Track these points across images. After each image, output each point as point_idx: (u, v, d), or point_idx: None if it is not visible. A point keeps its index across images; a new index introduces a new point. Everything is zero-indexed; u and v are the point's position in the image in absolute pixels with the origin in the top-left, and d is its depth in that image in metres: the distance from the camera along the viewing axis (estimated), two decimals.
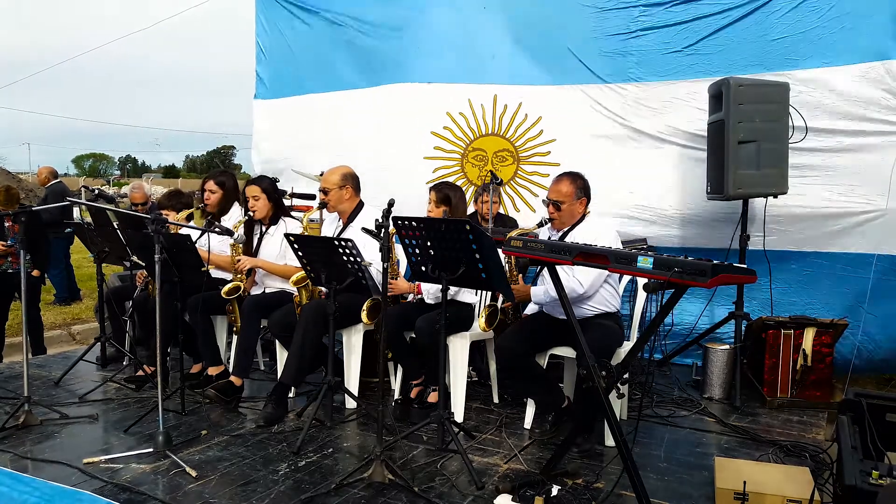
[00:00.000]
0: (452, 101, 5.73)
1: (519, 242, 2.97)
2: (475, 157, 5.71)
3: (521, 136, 5.56)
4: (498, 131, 5.64)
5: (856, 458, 2.42)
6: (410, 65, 5.88)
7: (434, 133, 5.80)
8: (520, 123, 5.55)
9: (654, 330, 2.65)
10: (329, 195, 4.15)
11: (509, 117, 5.59)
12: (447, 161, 5.79)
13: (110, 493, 2.86)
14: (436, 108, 5.78)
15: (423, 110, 5.82)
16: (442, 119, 5.77)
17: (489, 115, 5.66)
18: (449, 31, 5.75)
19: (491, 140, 5.67)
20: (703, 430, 3.75)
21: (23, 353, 3.79)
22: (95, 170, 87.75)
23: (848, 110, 4.51)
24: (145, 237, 3.73)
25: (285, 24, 6.51)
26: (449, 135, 5.79)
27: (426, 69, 5.82)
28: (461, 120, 5.75)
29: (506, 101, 5.58)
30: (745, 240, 4.46)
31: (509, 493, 2.84)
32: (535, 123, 5.49)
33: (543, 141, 5.47)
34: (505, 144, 5.62)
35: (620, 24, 5.11)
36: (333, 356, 3.70)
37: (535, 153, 5.51)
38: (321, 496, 2.87)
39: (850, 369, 4.31)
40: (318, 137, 6.29)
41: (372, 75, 6.06)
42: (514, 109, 5.56)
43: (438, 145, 5.81)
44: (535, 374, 3.60)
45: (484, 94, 5.64)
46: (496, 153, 5.65)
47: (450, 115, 5.76)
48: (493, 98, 5.62)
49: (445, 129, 5.78)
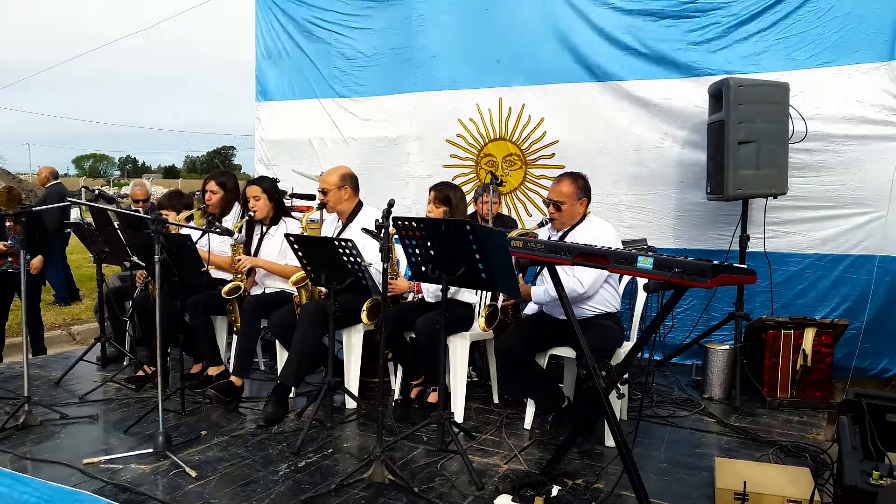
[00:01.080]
0: (463, 108, 5.74)
1: (519, 242, 2.97)
2: (487, 162, 5.72)
3: (525, 139, 5.56)
4: (504, 135, 5.65)
5: (856, 459, 2.42)
6: (420, 72, 5.87)
7: (449, 141, 5.83)
8: (524, 125, 5.54)
9: (654, 330, 2.65)
10: (328, 195, 4.15)
11: (514, 120, 5.59)
12: (464, 168, 5.80)
13: (110, 493, 2.86)
14: (448, 115, 5.79)
15: (437, 118, 5.84)
16: (455, 126, 5.79)
17: (496, 119, 5.66)
18: (455, 36, 5.73)
19: (499, 145, 5.68)
20: (703, 431, 3.76)
21: (23, 353, 3.79)
22: (95, 170, 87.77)
23: (849, 111, 4.49)
24: (145, 237, 3.73)
25: (287, 25, 6.50)
26: (462, 142, 5.80)
27: (436, 77, 5.81)
28: (472, 126, 5.76)
29: (510, 104, 5.57)
30: (745, 240, 4.46)
31: (509, 494, 2.84)
32: (538, 125, 5.48)
33: (547, 143, 5.46)
34: (512, 149, 5.62)
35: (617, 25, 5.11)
36: (333, 356, 3.70)
37: (540, 155, 5.50)
38: (321, 496, 2.87)
39: (850, 370, 4.31)
40: (326, 145, 6.34)
41: (378, 84, 6.07)
42: (518, 112, 5.55)
43: (454, 153, 5.83)
44: (535, 374, 3.60)
45: (490, 98, 5.64)
46: (505, 158, 5.66)
47: (461, 121, 5.77)
48: (499, 101, 5.61)
49: (458, 137, 5.80)
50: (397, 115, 6.00)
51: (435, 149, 5.86)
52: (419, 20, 5.84)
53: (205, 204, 4.65)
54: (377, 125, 6.11)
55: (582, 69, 5.27)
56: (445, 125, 5.80)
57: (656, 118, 5.05)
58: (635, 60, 5.07)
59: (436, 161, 5.84)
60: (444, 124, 5.81)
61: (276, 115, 6.67)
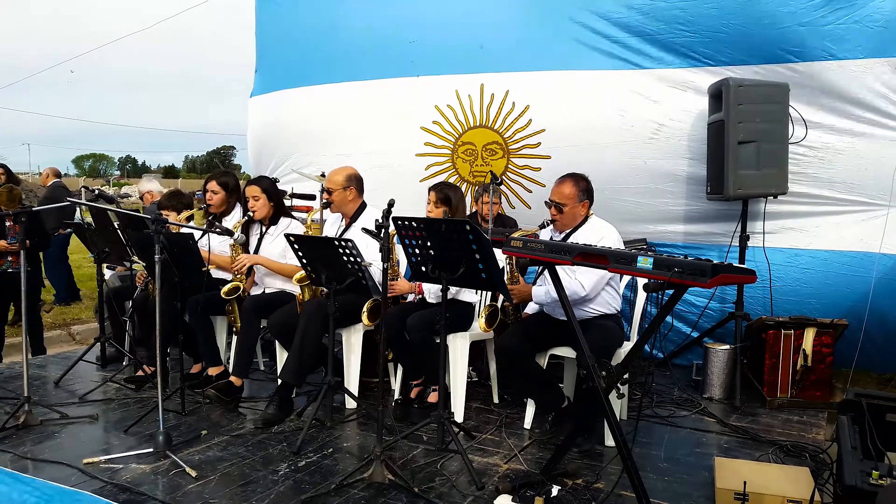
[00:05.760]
0: (440, 94, 5.54)
1: (519, 243, 2.97)
2: (465, 151, 5.52)
3: (509, 127, 5.36)
4: (486, 123, 5.44)
5: (856, 459, 2.42)
6: (397, 58, 5.69)
7: (423, 128, 5.62)
8: (507, 113, 5.35)
9: (654, 330, 2.65)
10: (333, 195, 4.16)
11: (496, 107, 5.39)
12: (439, 157, 5.64)
13: (110, 493, 2.86)
14: (424, 101, 5.59)
15: (412, 105, 5.64)
16: (430, 113, 5.58)
17: (476, 105, 5.46)
18: (435, 21, 5.58)
19: (479, 132, 5.47)
20: (703, 431, 3.76)
21: (23, 353, 3.80)
22: (95, 170, 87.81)
23: (850, 108, 4.48)
24: (146, 237, 3.73)
25: (276, 16, 6.44)
26: (438, 129, 5.60)
27: (414, 62, 5.62)
28: (449, 112, 5.55)
29: (493, 91, 5.37)
30: (745, 240, 4.46)
31: (509, 494, 2.84)
32: (522, 113, 5.29)
33: (533, 132, 5.26)
34: (494, 137, 5.41)
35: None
36: (333, 356, 3.70)
37: (524, 145, 5.31)
38: (321, 496, 2.87)
39: (850, 370, 4.30)
40: (309, 132, 6.18)
41: (358, 69, 5.87)
42: (500, 99, 5.35)
43: (429, 141, 5.64)
44: (535, 374, 3.60)
45: (471, 84, 5.43)
46: (485, 146, 5.45)
47: (437, 108, 5.56)
48: (480, 88, 5.42)
49: (434, 124, 5.60)
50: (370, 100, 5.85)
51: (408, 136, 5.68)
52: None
53: (206, 204, 4.65)
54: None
55: (570, 56, 5.09)
56: (421, 111, 5.62)
57: (654, 108, 4.91)
58: (636, 46, 4.91)
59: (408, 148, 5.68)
60: (420, 110, 5.62)
61: (267, 108, 6.60)
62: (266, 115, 6.63)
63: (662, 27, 4.81)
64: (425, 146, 5.67)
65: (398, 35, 5.70)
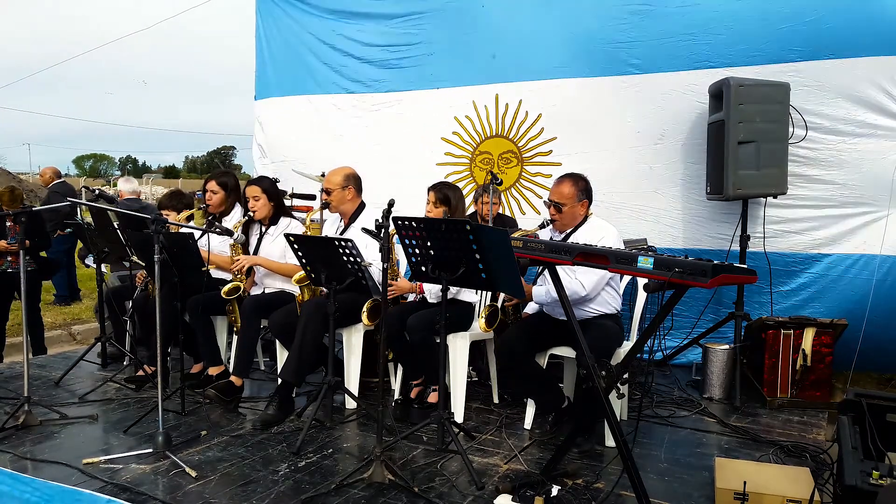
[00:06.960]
0: (459, 105, 5.73)
1: (519, 243, 2.97)
2: (482, 160, 5.71)
3: (522, 136, 5.54)
4: (501, 132, 5.63)
5: (856, 459, 2.42)
6: (417, 70, 5.86)
7: (444, 139, 5.82)
8: (521, 122, 5.52)
9: (654, 330, 2.65)
10: (332, 195, 4.16)
11: (511, 117, 5.56)
12: (458, 166, 5.80)
13: (110, 493, 2.85)
14: (444, 112, 5.78)
15: (432, 116, 5.83)
16: (450, 124, 5.78)
17: (492, 115, 5.65)
18: (451, 33, 5.72)
19: (496, 142, 5.66)
20: (703, 431, 3.75)
21: (23, 353, 3.80)
22: (95, 170, 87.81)
23: (851, 109, 4.47)
24: (146, 237, 3.73)
25: (287, 24, 6.49)
26: (457, 139, 5.80)
27: (432, 74, 5.80)
28: (467, 123, 5.75)
29: (507, 100, 5.56)
30: (745, 240, 4.46)
31: (509, 494, 2.84)
32: (535, 122, 5.46)
33: (545, 140, 5.43)
34: (509, 146, 5.61)
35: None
36: (333, 356, 3.70)
37: (536, 153, 5.49)
38: (321, 496, 2.87)
39: (851, 369, 4.30)
40: (323, 141, 6.28)
41: (378, 81, 6.05)
42: (514, 108, 5.53)
43: (449, 151, 5.83)
44: (535, 374, 3.60)
45: (486, 94, 5.62)
46: (501, 155, 5.64)
47: (457, 119, 5.76)
48: (495, 98, 5.60)
49: (454, 135, 5.80)
50: (394, 111, 5.98)
51: (429, 146, 5.84)
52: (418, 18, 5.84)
53: (205, 204, 4.65)
54: (376, 121, 6.09)
55: (580, 64, 5.21)
56: (441, 122, 5.78)
57: (657, 114, 4.98)
58: (633, 53, 4.99)
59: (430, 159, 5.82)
60: (440, 121, 5.78)
61: (274, 113, 6.65)
62: (273, 118, 6.66)
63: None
64: (445, 156, 5.84)
65: (416, 45, 5.88)
